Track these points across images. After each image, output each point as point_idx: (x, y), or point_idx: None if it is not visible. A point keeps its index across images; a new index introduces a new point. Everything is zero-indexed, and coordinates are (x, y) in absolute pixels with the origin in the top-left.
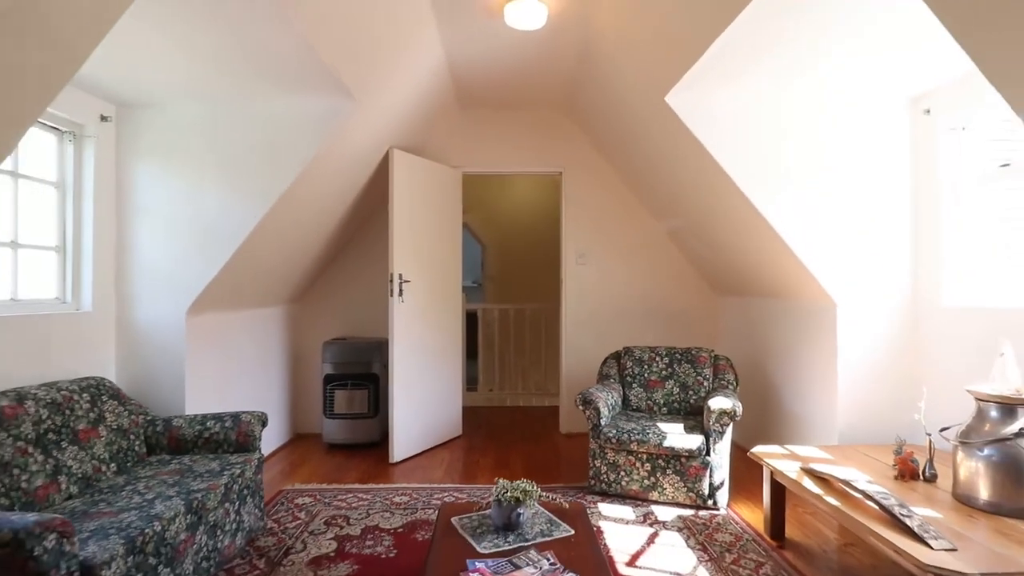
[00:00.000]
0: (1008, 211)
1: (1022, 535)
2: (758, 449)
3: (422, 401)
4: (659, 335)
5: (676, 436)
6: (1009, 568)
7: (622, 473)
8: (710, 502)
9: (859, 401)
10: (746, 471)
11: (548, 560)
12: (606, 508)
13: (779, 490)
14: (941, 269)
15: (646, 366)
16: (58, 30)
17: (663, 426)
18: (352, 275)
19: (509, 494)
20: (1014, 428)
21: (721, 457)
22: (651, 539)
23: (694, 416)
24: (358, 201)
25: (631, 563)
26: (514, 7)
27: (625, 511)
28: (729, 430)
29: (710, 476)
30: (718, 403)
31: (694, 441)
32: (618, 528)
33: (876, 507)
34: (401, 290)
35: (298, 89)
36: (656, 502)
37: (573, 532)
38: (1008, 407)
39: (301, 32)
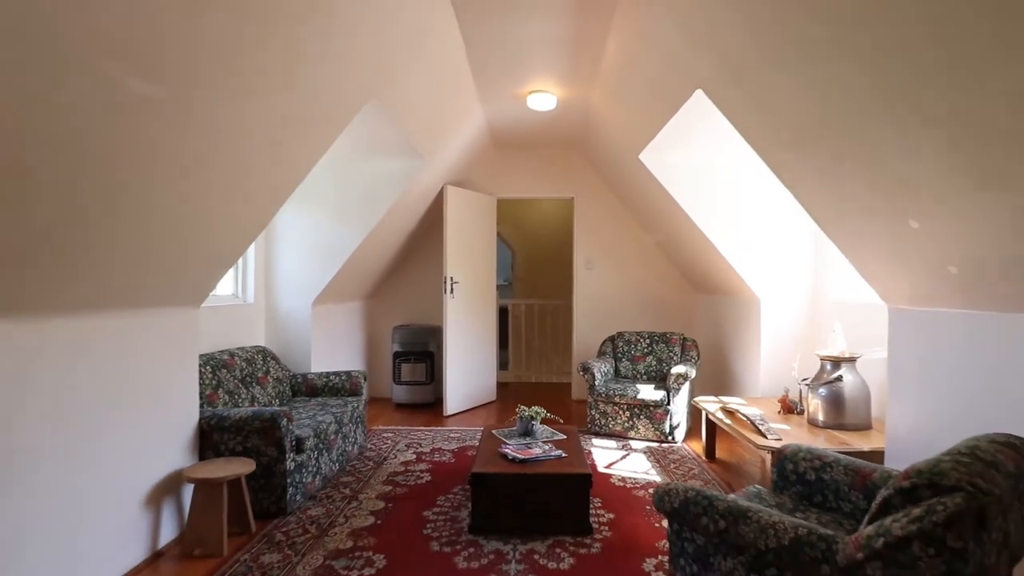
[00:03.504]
0: None
1: (832, 436)
2: (698, 398)
3: (466, 372)
4: (648, 323)
5: (646, 391)
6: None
7: (609, 418)
8: (670, 438)
9: (775, 366)
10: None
11: (549, 446)
12: (597, 441)
13: (712, 425)
14: (827, 275)
15: (633, 345)
16: (291, 158)
17: (639, 386)
18: (413, 276)
19: (527, 413)
20: (835, 375)
21: (678, 406)
22: (623, 457)
23: (664, 380)
24: (419, 222)
25: (607, 467)
26: (534, 97)
27: (610, 443)
28: (685, 388)
29: (670, 420)
30: (677, 369)
31: (658, 395)
32: (603, 451)
33: (749, 421)
34: (452, 288)
35: (389, 156)
36: (632, 438)
37: (566, 437)
38: (835, 363)
39: (403, 129)
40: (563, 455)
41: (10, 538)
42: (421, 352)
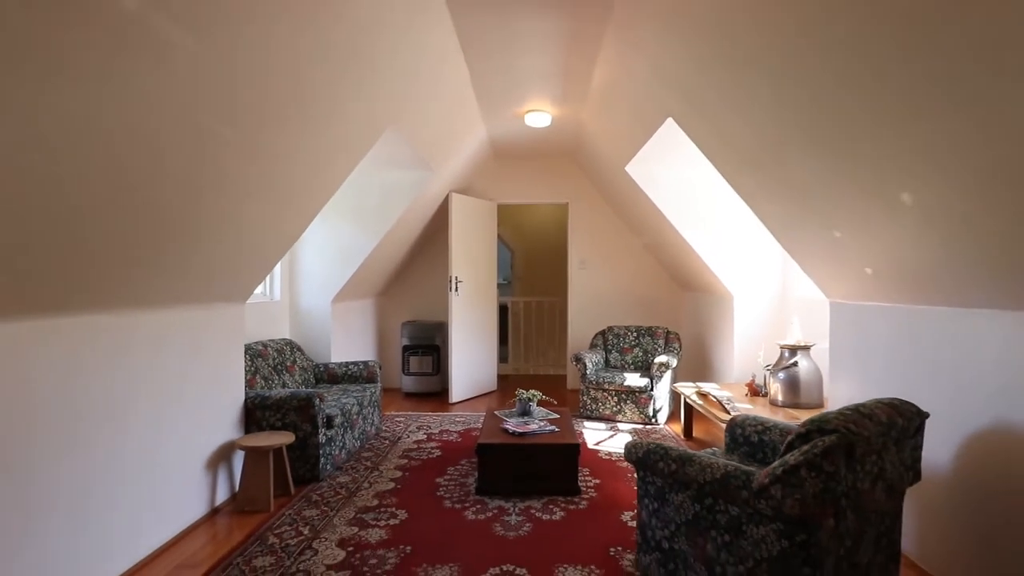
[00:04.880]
0: None
1: (788, 414)
2: (678, 384)
3: (470, 364)
4: (637, 318)
5: (633, 379)
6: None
7: (599, 403)
8: (653, 420)
9: (746, 355)
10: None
11: (544, 423)
12: (588, 424)
13: (689, 408)
14: (791, 274)
15: (621, 338)
16: (326, 175)
17: (626, 374)
18: (420, 276)
19: (525, 395)
20: (792, 361)
21: (661, 392)
22: (610, 436)
23: (649, 369)
24: (426, 226)
25: (596, 444)
26: (531, 115)
27: (599, 425)
28: (667, 375)
29: (653, 404)
30: (660, 359)
31: (643, 382)
32: (593, 432)
33: (718, 402)
34: (456, 287)
35: (402, 168)
36: (620, 421)
37: (559, 416)
38: (792, 350)
39: (416, 147)
40: (556, 430)
41: (108, 487)
42: (428, 345)
